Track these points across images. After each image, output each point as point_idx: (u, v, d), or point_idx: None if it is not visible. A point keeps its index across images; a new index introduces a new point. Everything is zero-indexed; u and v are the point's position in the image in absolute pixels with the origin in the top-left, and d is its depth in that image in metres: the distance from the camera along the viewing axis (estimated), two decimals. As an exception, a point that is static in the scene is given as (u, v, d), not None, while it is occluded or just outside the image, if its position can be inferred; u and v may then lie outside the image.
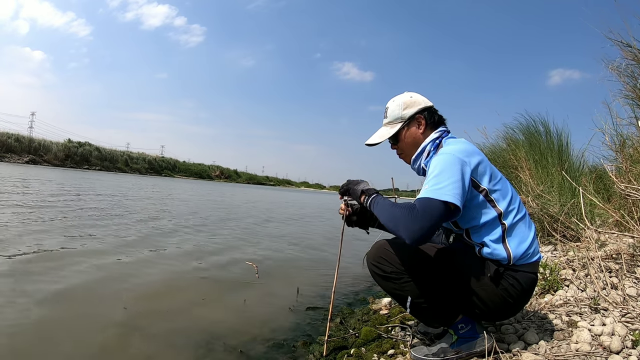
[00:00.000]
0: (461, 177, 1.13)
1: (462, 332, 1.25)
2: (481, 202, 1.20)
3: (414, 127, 1.34)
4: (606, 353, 1.14)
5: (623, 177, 2.23)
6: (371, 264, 1.30)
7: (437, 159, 1.19)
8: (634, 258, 1.85)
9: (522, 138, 3.99)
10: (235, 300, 2.28)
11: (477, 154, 1.22)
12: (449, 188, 1.10)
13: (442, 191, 1.10)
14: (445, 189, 1.10)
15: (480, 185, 1.19)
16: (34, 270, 2.38)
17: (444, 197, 1.09)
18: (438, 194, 1.10)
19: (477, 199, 1.20)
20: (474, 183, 1.18)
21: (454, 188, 1.10)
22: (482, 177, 1.19)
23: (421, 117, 1.33)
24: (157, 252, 3.35)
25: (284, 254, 3.99)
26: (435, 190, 1.11)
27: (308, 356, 1.58)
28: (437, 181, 1.12)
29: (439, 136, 1.31)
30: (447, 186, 1.10)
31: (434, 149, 1.29)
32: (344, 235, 1.63)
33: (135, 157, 59.77)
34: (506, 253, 1.19)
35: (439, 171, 1.14)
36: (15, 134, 44.31)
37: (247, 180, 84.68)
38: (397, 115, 1.35)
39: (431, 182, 1.13)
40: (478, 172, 1.19)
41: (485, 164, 1.22)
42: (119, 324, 1.77)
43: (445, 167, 1.14)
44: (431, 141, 1.31)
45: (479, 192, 1.19)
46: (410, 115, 1.33)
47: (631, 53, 2.38)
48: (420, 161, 1.33)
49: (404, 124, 1.34)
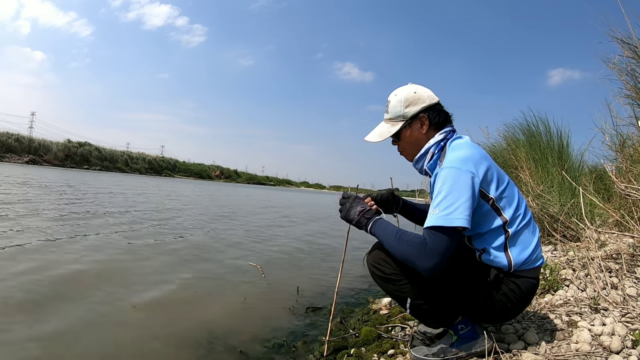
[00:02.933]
0: (471, 194, 1.08)
1: (462, 333, 1.25)
2: (487, 211, 1.16)
3: (417, 127, 1.25)
4: (606, 353, 1.14)
5: (623, 177, 2.23)
6: (371, 265, 1.29)
7: (444, 175, 1.11)
8: (634, 258, 1.85)
9: (523, 138, 3.99)
10: (235, 299, 2.28)
11: (484, 159, 1.16)
12: (460, 210, 1.06)
13: (452, 216, 1.06)
14: (455, 213, 1.06)
15: (488, 194, 1.15)
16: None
17: (454, 222, 1.06)
18: (448, 220, 1.06)
19: (484, 208, 1.16)
20: (482, 193, 1.13)
21: (465, 209, 1.06)
22: (489, 186, 1.15)
23: (424, 117, 1.24)
24: (158, 253, 3.35)
25: (284, 253, 3.99)
26: (444, 217, 1.06)
27: (308, 356, 1.58)
28: (447, 204, 1.07)
29: (443, 138, 1.23)
30: (457, 209, 1.06)
31: (438, 152, 1.23)
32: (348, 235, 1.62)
33: (135, 157, 59.83)
34: (507, 261, 1.16)
35: (447, 191, 1.08)
36: (15, 134, 44.36)
37: (247, 180, 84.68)
38: (398, 113, 1.25)
39: (441, 205, 1.08)
40: (487, 180, 1.14)
41: (493, 169, 1.16)
42: (120, 323, 1.77)
43: (454, 185, 1.08)
44: (435, 143, 1.23)
45: (486, 201, 1.15)
46: (412, 115, 1.24)
47: (631, 51, 2.37)
48: (423, 163, 1.26)
49: (405, 123, 1.25)
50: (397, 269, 1.23)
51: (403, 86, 1.31)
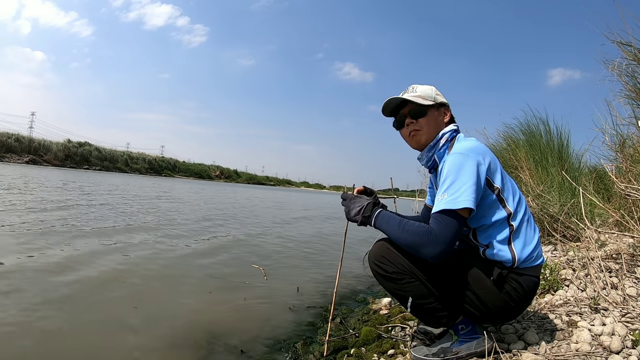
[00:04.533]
0: (477, 179, 1.12)
1: (463, 333, 1.26)
2: (493, 201, 1.19)
3: (441, 115, 1.32)
4: (606, 353, 1.14)
5: (623, 177, 2.23)
6: (373, 263, 1.29)
7: (451, 161, 1.16)
8: (634, 258, 1.85)
9: (522, 138, 4.00)
10: (235, 299, 2.28)
11: (489, 152, 1.21)
12: (466, 193, 1.10)
13: (459, 199, 1.09)
14: (462, 196, 1.09)
15: (494, 184, 1.18)
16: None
17: (461, 204, 1.09)
18: (455, 203, 1.09)
19: (490, 198, 1.19)
20: (488, 182, 1.17)
21: (471, 192, 1.10)
22: (495, 176, 1.19)
23: (447, 109, 1.33)
24: (159, 251, 3.35)
25: (284, 253, 3.99)
26: (452, 201, 1.10)
27: (308, 356, 1.58)
28: (454, 189, 1.11)
29: (457, 129, 1.31)
30: (463, 192, 1.10)
31: (449, 140, 1.28)
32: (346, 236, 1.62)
33: (135, 157, 59.92)
34: (511, 255, 1.17)
35: (455, 176, 1.13)
36: (15, 134, 44.40)
37: (247, 180, 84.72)
38: (430, 95, 1.31)
39: (449, 190, 1.12)
40: (491, 170, 1.18)
41: (496, 162, 1.21)
42: (119, 323, 1.77)
43: (461, 170, 1.13)
44: (450, 131, 1.29)
45: (492, 191, 1.18)
46: (440, 102, 1.32)
47: (631, 53, 2.38)
48: (435, 151, 1.30)
49: (435, 105, 1.31)
50: (399, 267, 1.23)
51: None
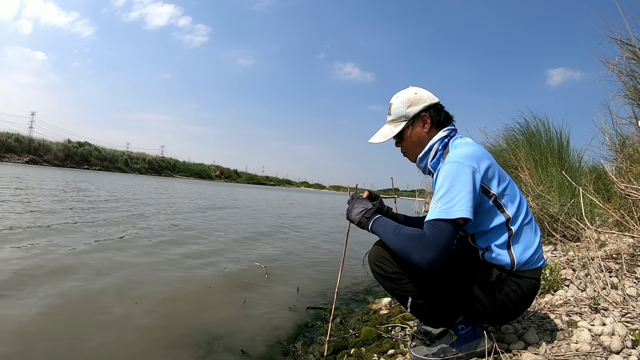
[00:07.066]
0: (472, 187, 1.10)
1: (463, 333, 1.25)
2: (490, 207, 1.17)
3: (419, 126, 1.27)
4: (606, 353, 1.14)
5: (623, 177, 2.23)
6: (373, 263, 1.29)
7: (446, 169, 1.14)
8: (634, 258, 1.85)
9: (522, 138, 3.99)
10: (236, 299, 2.28)
11: (486, 157, 1.18)
12: (461, 203, 1.07)
13: (453, 209, 1.07)
14: (457, 205, 1.07)
15: (490, 190, 1.16)
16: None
17: (455, 214, 1.07)
18: (448, 213, 1.07)
19: (487, 205, 1.17)
20: (484, 189, 1.15)
21: (466, 201, 1.08)
22: (491, 182, 1.16)
23: (426, 116, 1.27)
24: (160, 251, 3.35)
25: (284, 252, 3.99)
26: (446, 210, 1.08)
27: (308, 356, 1.58)
28: (448, 198, 1.09)
29: (447, 135, 1.26)
30: (458, 202, 1.08)
31: (442, 149, 1.25)
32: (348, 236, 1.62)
33: (135, 157, 59.95)
34: (510, 259, 1.17)
35: (449, 185, 1.10)
36: (15, 134, 44.40)
37: (247, 180, 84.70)
38: (400, 114, 1.28)
39: (443, 199, 1.10)
40: (488, 177, 1.16)
41: (494, 167, 1.18)
42: (120, 322, 1.77)
43: (456, 179, 1.10)
44: (439, 140, 1.25)
45: (488, 197, 1.16)
46: (414, 114, 1.27)
47: (630, 51, 2.37)
48: (427, 161, 1.28)
49: (408, 123, 1.27)
50: (399, 267, 1.22)
51: (404, 89, 1.33)
